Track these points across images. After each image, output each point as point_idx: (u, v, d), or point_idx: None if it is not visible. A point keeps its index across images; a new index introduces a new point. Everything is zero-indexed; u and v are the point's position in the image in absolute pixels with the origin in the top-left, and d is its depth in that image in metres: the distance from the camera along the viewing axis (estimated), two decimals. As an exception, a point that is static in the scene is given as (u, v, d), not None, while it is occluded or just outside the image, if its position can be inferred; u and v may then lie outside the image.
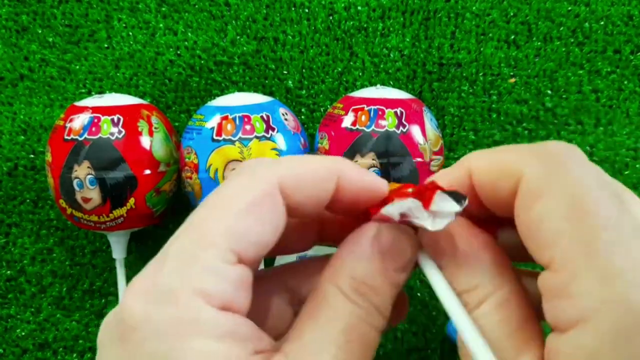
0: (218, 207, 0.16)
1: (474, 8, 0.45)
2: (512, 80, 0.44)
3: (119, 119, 0.37)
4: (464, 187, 0.18)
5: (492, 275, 0.17)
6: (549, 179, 0.15)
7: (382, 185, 0.18)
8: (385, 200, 0.18)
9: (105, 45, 0.46)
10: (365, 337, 0.16)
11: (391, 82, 0.45)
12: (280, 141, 0.37)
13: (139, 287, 0.15)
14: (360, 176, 0.18)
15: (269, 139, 0.36)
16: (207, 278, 0.15)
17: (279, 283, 0.20)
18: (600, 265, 0.14)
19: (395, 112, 0.37)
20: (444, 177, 0.19)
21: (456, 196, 0.16)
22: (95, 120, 0.37)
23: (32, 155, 0.45)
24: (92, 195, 0.36)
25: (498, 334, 0.16)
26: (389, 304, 0.17)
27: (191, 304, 0.14)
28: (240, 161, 0.36)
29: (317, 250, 0.26)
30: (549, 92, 0.44)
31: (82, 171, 0.36)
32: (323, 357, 0.15)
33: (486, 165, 0.18)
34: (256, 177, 0.16)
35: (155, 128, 0.38)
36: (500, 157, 0.18)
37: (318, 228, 0.21)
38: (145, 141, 0.37)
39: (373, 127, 0.36)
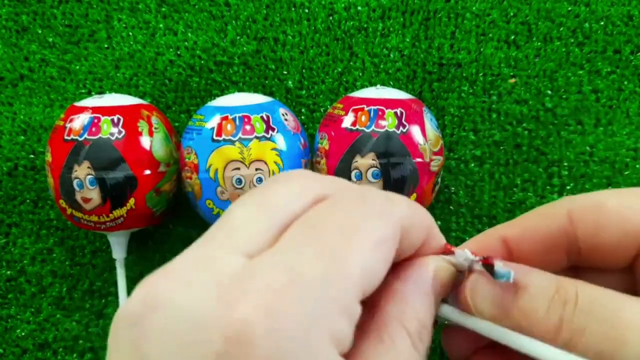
0: (358, 236, 0.14)
1: (474, 8, 0.45)
2: (512, 80, 0.44)
3: (119, 119, 0.37)
4: (557, 234, 0.18)
5: (556, 276, 0.17)
6: None
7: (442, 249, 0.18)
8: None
9: (105, 45, 0.46)
10: None
11: (391, 82, 0.45)
12: (280, 141, 0.37)
13: (264, 297, 0.11)
14: (440, 239, 0.18)
15: (269, 139, 0.36)
16: (344, 321, 0.13)
17: None
18: None
19: (395, 113, 0.37)
20: (541, 223, 0.19)
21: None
22: (95, 121, 0.37)
23: (32, 155, 0.45)
24: (92, 195, 0.36)
25: (614, 296, 0.16)
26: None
27: (324, 348, 0.12)
28: (241, 161, 0.36)
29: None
30: (549, 92, 0.44)
31: (82, 171, 0.36)
32: None
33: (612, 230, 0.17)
34: (384, 212, 0.15)
35: (155, 128, 0.38)
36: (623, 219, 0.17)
37: None
38: (145, 141, 0.37)
39: (373, 127, 0.36)
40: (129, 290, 0.42)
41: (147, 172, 0.37)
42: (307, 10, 0.45)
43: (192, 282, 0.12)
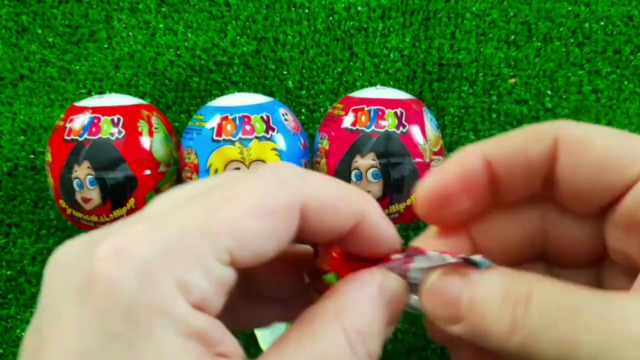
0: (233, 202, 0.14)
1: (474, 8, 0.45)
2: (512, 80, 0.44)
3: (119, 119, 0.37)
4: (480, 175, 0.18)
5: (510, 270, 0.16)
6: (590, 129, 0.15)
7: (397, 244, 0.17)
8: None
9: (105, 46, 0.46)
10: None
11: (391, 83, 0.45)
12: (280, 141, 0.37)
13: (121, 244, 0.13)
14: (384, 226, 0.17)
15: (269, 139, 0.36)
16: (192, 271, 0.13)
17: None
18: None
19: (395, 113, 0.37)
20: (458, 169, 0.18)
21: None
22: (95, 121, 0.37)
23: (32, 155, 0.45)
24: (92, 195, 0.36)
25: (570, 292, 0.15)
26: (377, 356, 0.16)
27: (168, 294, 0.13)
28: (241, 161, 0.36)
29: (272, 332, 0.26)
30: (549, 92, 0.44)
31: (82, 171, 0.36)
32: None
33: (514, 142, 0.17)
34: (284, 184, 0.15)
35: (155, 128, 0.38)
36: (525, 135, 0.17)
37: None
38: (145, 141, 0.37)
39: (373, 127, 0.36)
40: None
41: (147, 172, 0.37)
42: (307, 10, 0.45)
43: (80, 240, 0.15)
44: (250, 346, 0.38)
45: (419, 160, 0.36)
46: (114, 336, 0.12)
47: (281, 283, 0.20)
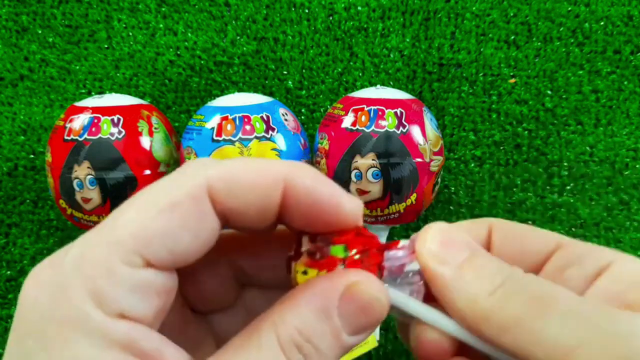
0: (135, 205, 0.14)
1: (474, 8, 0.45)
2: (512, 80, 0.44)
3: (119, 119, 0.37)
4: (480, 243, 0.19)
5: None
6: None
7: (346, 202, 0.16)
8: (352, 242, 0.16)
9: (105, 46, 0.46)
10: None
11: (391, 82, 0.45)
12: (280, 141, 0.37)
13: (40, 271, 0.14)
14: (314, 185, 0.15)
15: (269, 139, 0.36)
16: (101, 280, 0.13)
17: (224, 259, 0.18)
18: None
19: (395, 113, 0.37)
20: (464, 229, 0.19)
21: None
22: (95, 121, 0.37)
23: (32, 155, 0.45)
24: (92, 195, 0.36)
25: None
26: None
27: (80, 304, 0.13)
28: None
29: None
30: (549, 92, 0.44)
31: (82, 171, 0.36)
32: None
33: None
34: (182, 177, 0.15)
35: (155, 128, 0.38)
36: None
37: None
38: (145, 141, 0.37)
39: (373, 127, 0.36)
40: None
41: (147, 172, 0.37)
42: (307, 10, 0.45)
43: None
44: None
45: (419, 160, 0.36)
46: (29, 353, 0.13)
47: (273, 267, 0.19)
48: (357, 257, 0.16)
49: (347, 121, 0.37)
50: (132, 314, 0.13)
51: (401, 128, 0.36)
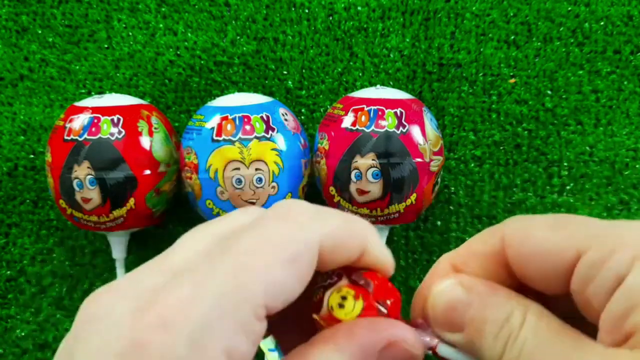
0: (258, 252, 0.14)
1: (474, 8, 0.45)
2: (512, 80, 0.44)
3: (118, 119, 0.37)
4: (497, 257, 0.18)
5: (518, 298, 0.16)
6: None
7: (391, 268, 0.17)
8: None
9: (105, 46, 0.46)
10: None
11: (391, 82, 0.45)
12: (280, 141, 0.37)
13: (168, 314, 0.13)
14: (381, 252, 0.17)
15: (268, 139, 0.36)
16: (239, 337, 0.13)
17: None
18: None
19: (395, 113, 0.37)
20: (481, 249, 0.18)
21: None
22: (95, 121, 0.37)
23: (32, 155, 0.45)
24: (92, 195, 0.36)
25: (551, 335, 0.15)
26: None
27: (216, 356, 0.13)
28: (240, 161, 0.36)
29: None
30: (549, 92, 0.44)
31: (82, 171, 0.36)
32: None
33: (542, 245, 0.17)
34: (301, 228, 0.15)
35: (155, 128, 0.38)
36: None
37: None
38: (145, 141, 0.37)
39: (373, 127, 0.36)
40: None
41: (147, 172, 0.37)
42: (307, 10, 0.45)
43: (121, 296, 0.14)
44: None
45: (419, 160, 0.36)
46: None
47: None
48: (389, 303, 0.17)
49: (347, 121, 0.37)
50: None
51: (401, 128, 0.36)
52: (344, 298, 0.16)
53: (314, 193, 0.41)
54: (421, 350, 0.16)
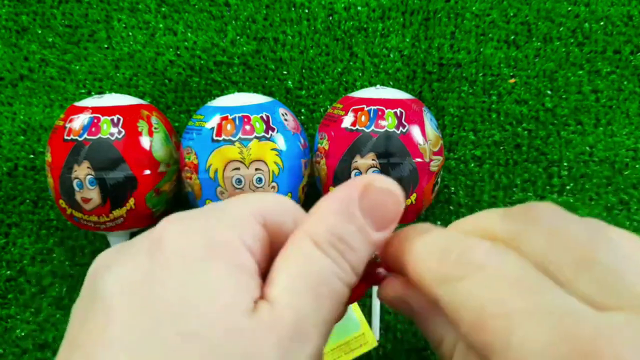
0: (243, 196, 0.19)
1: (474, 8, 0.45)
2: (512, 80, 0.44)
3: (118, 119, 0.37)
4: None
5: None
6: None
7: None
8: None
9: (105, 46, 0.46)
10: (337, 292, 0.16)
11: (391, 82, 0.45)
12: (280, 141, 0.37)
13: (171, 219, 0.17)
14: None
15: (268, 139, 0.36)
16: (242, 223, 0.17)
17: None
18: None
19: (395, 113, 0.37)
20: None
21: None
22: (95, 121, 0.37)
23: (32, 155, 0.45)
24: (92, 195, 0.36)
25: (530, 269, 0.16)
26: (364, 263, 0.17)
27: (226, 235, 0.16)
28: (240, 161, 0.36)
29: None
30: (549, 92, 0.44)
31: (82, 171, 0.36)
32: (301, 306, 0.15)
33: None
34: (268, 194, 0.19)
35: (155, 128, 0.38)
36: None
37: None
38: (145, 141, 0.37)
39: (373, 127, 0.36)
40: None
41: (147, 172, 0.37)
42: (307, 10, 0.45)
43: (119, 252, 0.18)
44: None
45: (418, 160, 0.36)
46: (173, 269, 0.16)
47: None
48: None
49: (347, 121, 0.37)
50: (256, 255, 0.17)
51: (401, 128, 0.36)
52: None
53: (314, 193, 0.41)
54: (394, 185, 0.18)
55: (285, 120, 0.38)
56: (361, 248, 0.17)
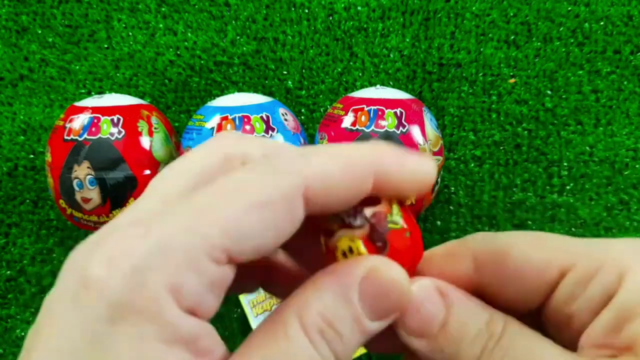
0: (225, 195, 0.14)
1: (474, 8, 0.45)
2: (512, 80, 0.44)
3: (118, 119, 0.37)
4: (466, 270, 0.17)
5: (494, 309, 0.16)
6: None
7: (431, 170, 0.16)
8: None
9: (105, 46, 0.46)
10: None
11: (391, 82, 0.45)
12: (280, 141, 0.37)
13: (114, 250, 0.13)
14: (401, 163, 0.16)
15: (269, 139, 0.36)
16: (187, 275, 0.13)
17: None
18: None
19: (395, 113, 0.37)
20: (449, 267, 0.17)
21: None
22: (95, 121, 0.37)
23: (32, 155, 0.45)
24: (92, 195, 0.36)
25: (539, 340, 0.15)
26: (353, 351, 0.15)
27: (159, 297, 0.13)
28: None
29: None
30: (549, 92, 0.44)
31: (82, 171, 0.36)
32: None
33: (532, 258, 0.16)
34: (279, 174, 0.14)
35: (155, 128, 0.38)
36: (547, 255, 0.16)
37: (266, 267, 0.19)
38: (145, 141, 0.37)
39: (373, 127, 0.36)
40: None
41: (147, 172, 0.37)
42: (307, 10, 0.45)
43: (86, 243, 0.14)
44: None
45: (418, 160, 0.36)
46: (96, 337, 0.12)
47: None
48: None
49: (347, 121, 0.37)
50: (204, 311, 0.14)
51: (401, 128, 0.36)
52: (350, 250, 0.16)
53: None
54: (403, 275, 0.15)
55: (286, 120, 0.38)
56: (351, 339, 0.15)
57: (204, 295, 0.13)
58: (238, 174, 0.14)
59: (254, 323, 0.39)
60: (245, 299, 0.40)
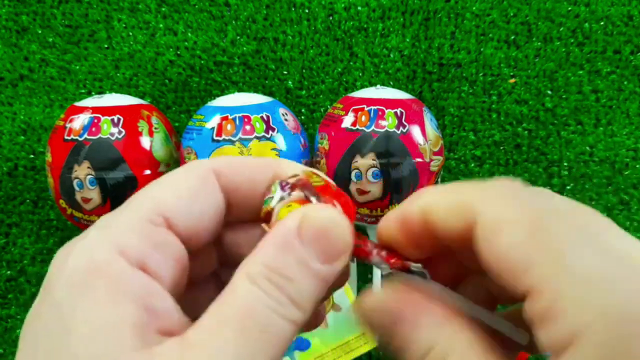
0: (150, 186, 0.17)
1: (474, 8, 0.45)
2: (512, 80, 0.44)
3: (119, 119, 0.37)
4: (417, 225, 0.18)
5: (449, 323, 0.17)
6: (505, 212, 0.15)
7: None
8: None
9: (105, 46, 0.46)
10: (273, 326, 0.15)
11: (391, 82, 0.45)
12: (280, 141, 0.37)
13: (70, 242, 0.16)
14: (294, 167, 0.19)
15: (269, 139, 0.36)
16: (126, 234, 0.15)
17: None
18: (577, 279, 0.13)
19: (395, 113, 0.37)
20: (399, 215, 0.19)
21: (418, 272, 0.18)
22: (95, 121, 0.37)
23: (32, 155, 0.45)
24: (92, 195, 0.36)
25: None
26: (310, 297, 0.16)
27: (105, 254, 0.14)
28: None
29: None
30: (549, 92, 0.44)
31: (82, 171, 0.36)
32: (217, 341, 0.14)
33: (442, 206, 0.18)
34: (189, 166, 0.18)
35: (155, 128, 0.38)
36: (454, 198, 0.17)
37: (218, 252, 0.20)
38: (145, 141, 0.37)
39: (373, 127, 0.36)
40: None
41: (147, 172, 0.37)
42: (307, 10, 0.45)
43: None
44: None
45: (419, 160, 0.36)
46: (53, 302, 0.14)
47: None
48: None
49: (347, 121, 0.37)
50: (153, 269, 0.15)
51: (401, 128, 0.36)
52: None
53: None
54: (337, 216, 0.16)
55: (286, 120, 0.38)
56: (302, 280, 0.15)
57: (151, 252, 0.15)
58: (171, 172, 0.18)
59: None
60: None
